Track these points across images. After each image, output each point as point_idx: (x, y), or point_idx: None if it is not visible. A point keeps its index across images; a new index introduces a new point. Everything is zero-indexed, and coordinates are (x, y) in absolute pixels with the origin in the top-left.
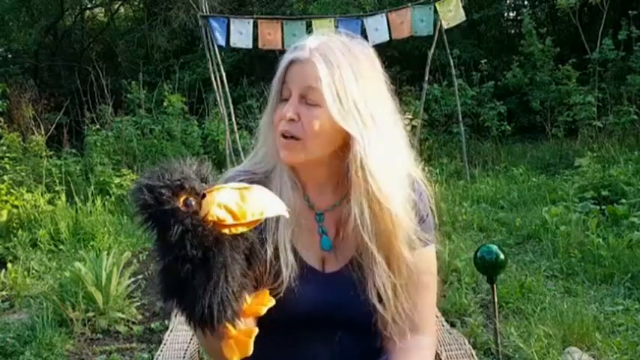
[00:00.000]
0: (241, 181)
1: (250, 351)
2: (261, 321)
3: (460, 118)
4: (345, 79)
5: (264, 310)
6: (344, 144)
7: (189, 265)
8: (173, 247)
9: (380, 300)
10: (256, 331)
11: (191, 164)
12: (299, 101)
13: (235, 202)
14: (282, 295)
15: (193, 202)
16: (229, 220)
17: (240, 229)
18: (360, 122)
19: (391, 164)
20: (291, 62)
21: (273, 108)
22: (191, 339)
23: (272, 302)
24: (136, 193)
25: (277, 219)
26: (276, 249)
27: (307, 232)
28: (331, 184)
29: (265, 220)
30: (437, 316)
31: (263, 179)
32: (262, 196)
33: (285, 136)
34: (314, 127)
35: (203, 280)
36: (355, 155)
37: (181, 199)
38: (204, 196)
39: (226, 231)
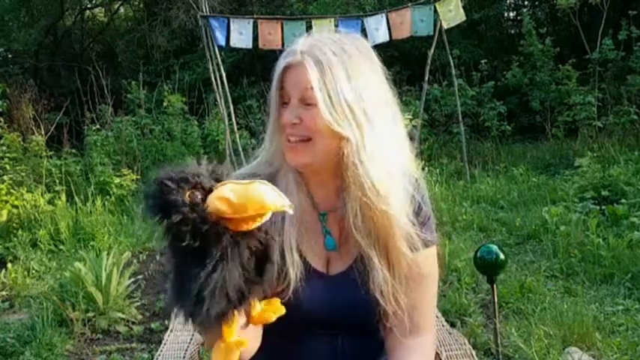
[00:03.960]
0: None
1: None
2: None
3: (460, 118)
4: (336, 79)
5: (273, 318)
6: (343, 144)
7: (188, 256)
8: (173, 238)
9: (382, 294)
10: (246, 344)
11: (207, 165)
12: (299, 104)
13: (236, 196)
14: (288, 297)
15: (199, 196)
16: (228, 213)
17: (246, 226)
18: (353, 123)
19: (387, 164)
20: (286, 68)
21: (276, 113)
22: (191, 339)
23: (282, 311)
24: (146, 185)
25: (282, 218)
26: (282, 249)
27: (311, 232)
28: (334, 185)
29: (271, 219)
30: (437, 316)
31: (267, 180)
32: (264, 190)
33: (289, 140)
34: (316, 126)
35: (199, 271)
36: (348, 156)
37: (187, 193)
38: (211, 191)
39: (231, 226)
